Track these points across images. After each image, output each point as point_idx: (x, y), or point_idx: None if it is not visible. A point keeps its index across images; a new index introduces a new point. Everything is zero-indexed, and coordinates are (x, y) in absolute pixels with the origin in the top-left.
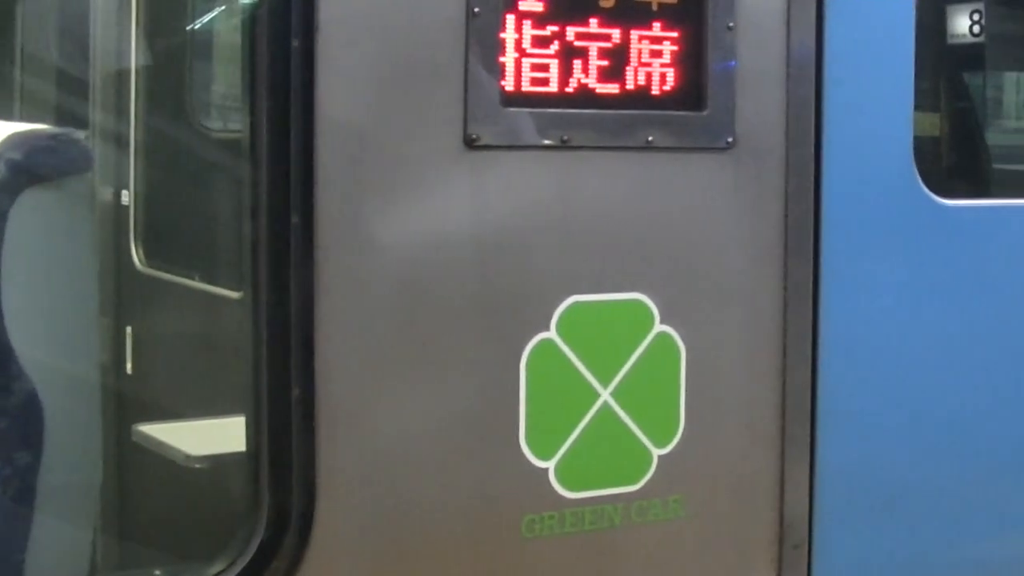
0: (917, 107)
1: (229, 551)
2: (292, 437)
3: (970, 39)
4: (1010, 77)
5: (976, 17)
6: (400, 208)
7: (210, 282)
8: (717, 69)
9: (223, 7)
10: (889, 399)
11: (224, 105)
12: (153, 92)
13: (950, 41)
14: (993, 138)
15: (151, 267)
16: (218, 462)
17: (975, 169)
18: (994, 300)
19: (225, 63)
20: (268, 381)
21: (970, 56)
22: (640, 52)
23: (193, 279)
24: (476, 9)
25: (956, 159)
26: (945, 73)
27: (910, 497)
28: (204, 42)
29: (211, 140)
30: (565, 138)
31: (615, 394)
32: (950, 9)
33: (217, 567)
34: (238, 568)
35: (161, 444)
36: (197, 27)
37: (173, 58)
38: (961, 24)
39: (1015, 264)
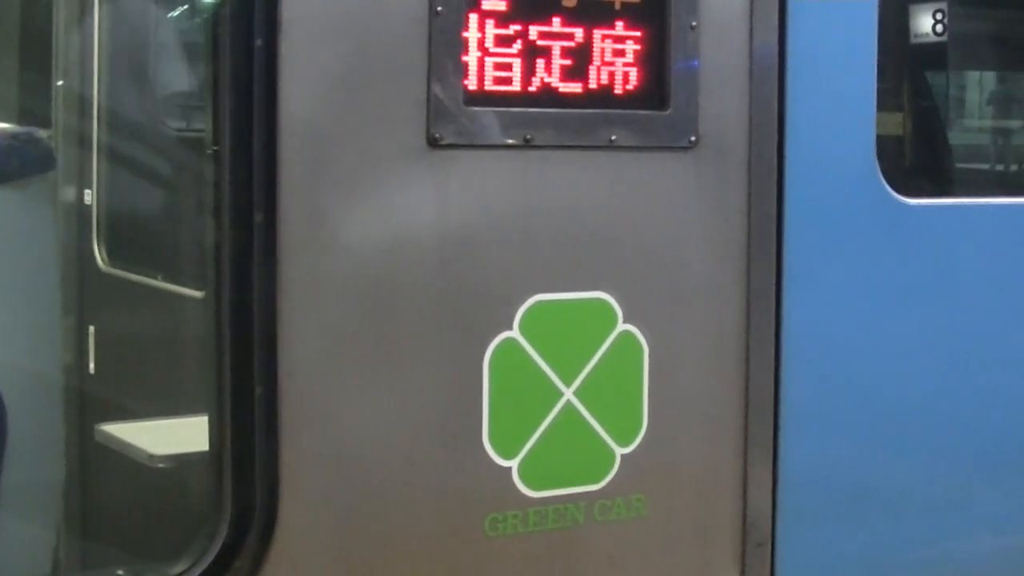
0: (880, 106)
1: (192, 551)
2: (255, 436)
3: (933, 38)
4: (973, 76)
5: (939, 16)
6: (363, 207)
7: (173, 282)
8: (680, 68)
9: (187, 6)
10: (852, 398)
11: (188, 104)
12: (116, 91)
13: (913, 40)
14: (956, 137)
15: (114, 267)
16: (181, 461)
17: (939, 168)
18: (957, 299)
19: (189, 62)
20: (231, 380)
21: (933, 55)
22: (603, 51)
23: (156, 279)
24: (439, 8)
25: (919, 158)
26: (908, 72)
27: (873, 495)
28: (168, 41)
29: (175, 139)
30: (528, 137)
31: (578, 393)
32: (913, 9)
33: (180, 567)
34: (201, 568)
35: (124, 444)
36: (160, 26)
37: (136, 57)
38: (924, 24)
39: (978, 262)
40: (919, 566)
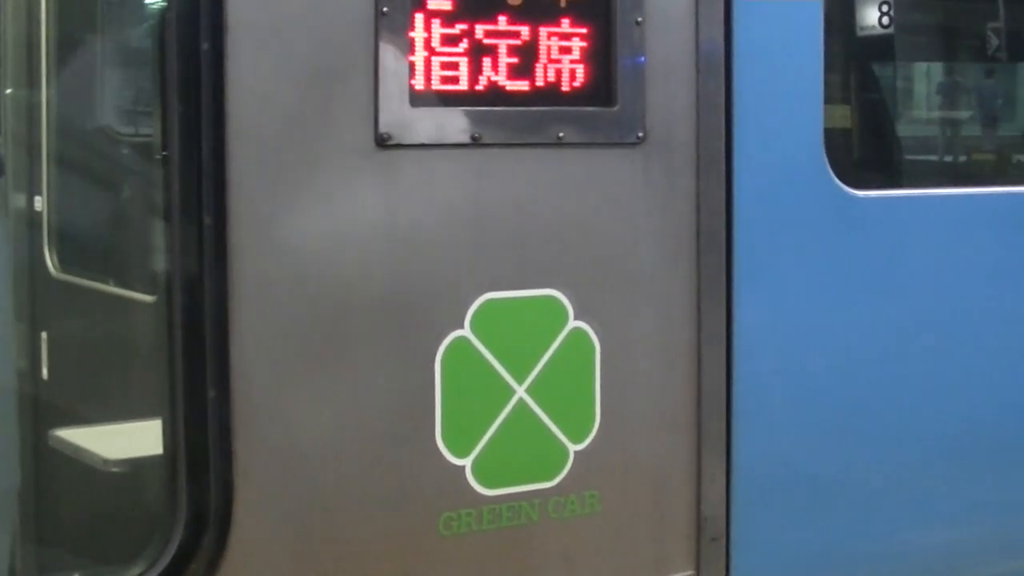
0: (828, 99)
1: (147, 554)
2: (208, 439)
3: (880, 31)
4: (920, 68)
5: (885, 8)
6: (313, 208)
7: (125, 287)
8: (626, 65)
9: (134, 11)
10: (804, 391)
11: (136, 109)
12: (65, 97)
13: (860, 33)
14: (904, 129)
15: (66, 273)
16: (135, 465)
17: (887, 160)
18: (907, 290)
19: (137, 67)
20: (184, 384)
21: (880, 48)
22: (549, 49)
23: (108, 284)
24: (385, 9)
25: (867, 150)
26: (855, 65)
27: (827, 488)
28: (116, 46)
29: (124, 145)
30: (476, 136)
31: (530, 391)
32: (858, 2)
33: (135, 570)
34: (156, 571)
35: (78, 449)
36: (108, 31)
37: (85, 62)
38: (870, 16)
39: (927, 254)
40: (873, 558)
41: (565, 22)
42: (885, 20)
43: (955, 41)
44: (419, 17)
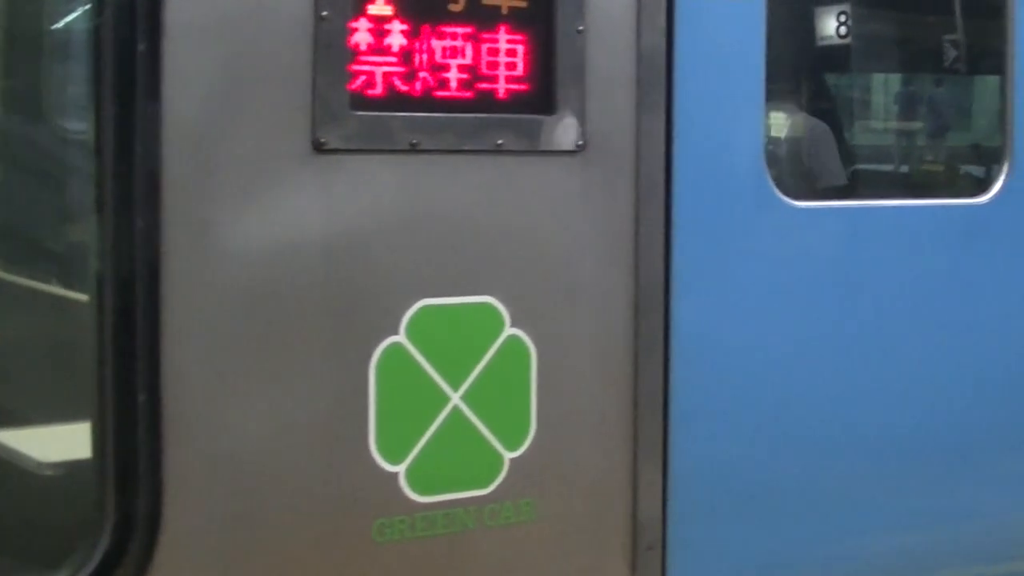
0: (770, 109)
1: (73, 559)
2: (138, 442)
3: (822, 42)
4: (863, 80)
5: (831, 19)
6: (248, 212)
7: (60, 286)
8: (566, 72)
9: (78, 7)
10: (742, 399)
11: (81, 106)
12: (9, 92)
13: (801, 44)
14: (848, 139)
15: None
16: (70, 468)
17: (829, 171)
18: (845, 300)
19: (77, 65)
20: (114, 386)
21: (821, 58)
22: (489, 56)
23: (43, 283)
24: (324, 13)
25: (809, 161)
26: (799, 75)
27: (765, 495)
28: (60, 42)
29: (62, 142)
30: (414, 142)
31: (465, 397)
32: (800, 13)
33: (59, 575)
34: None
35: (9, 451)
36: (53, 27)
37: (29, 58)
38: (816, 26)
39: (866, 264)
40: (811, 564)
41: (505, 29)
42: (843, 31)
43: (898, 53)
44: (358, 22)
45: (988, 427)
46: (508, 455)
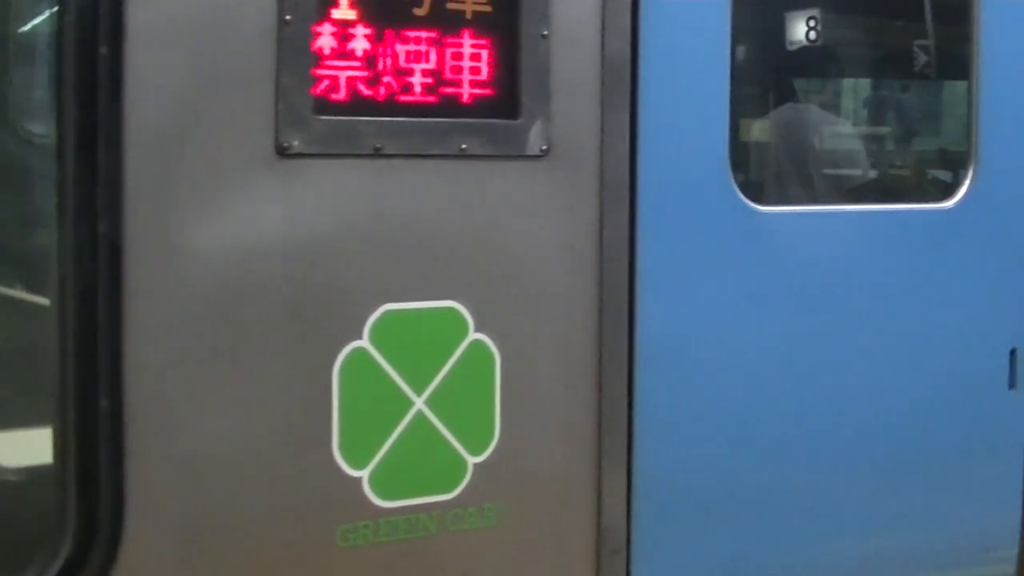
0: (736, 114)
1: (33, 567)
2: (100, 449)
3: (787, 47)
4: (827, 84)
5: (811, 23)
6: (211, 216)
7: (22, 290)
8: (531, 77)
9: (40, 11)
10: (707, 404)
11: (43, 109)
12: None
13: (766, 48)
14: (815, 143)
15: None
16: (28, 474)
17: (794, 175)
18: (810, 304)
19: (43, 67)
20: (75, 392)
21: (785, 62)
22: (454, 60)
23: (11, 287)
24: (288, 17)
25: (775, 165)
26: (764, 79)
27: (729, 500)
28: (23, 45)
29: (29, 145)
30: (378, 146)
31: (429, 402)
32: (765, 18)
33: None
34: None
35: None
36: (16, 30)
37: None
38: (781, 30)
39: (830, 269)
40: (775, 570)
41: (470, 34)
42: (811, 35)
43: (863, 57)
44: (322, 26)
45: (954, 432)
46: (472, 460)
